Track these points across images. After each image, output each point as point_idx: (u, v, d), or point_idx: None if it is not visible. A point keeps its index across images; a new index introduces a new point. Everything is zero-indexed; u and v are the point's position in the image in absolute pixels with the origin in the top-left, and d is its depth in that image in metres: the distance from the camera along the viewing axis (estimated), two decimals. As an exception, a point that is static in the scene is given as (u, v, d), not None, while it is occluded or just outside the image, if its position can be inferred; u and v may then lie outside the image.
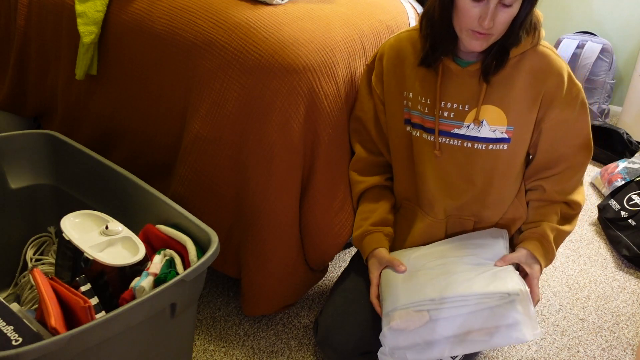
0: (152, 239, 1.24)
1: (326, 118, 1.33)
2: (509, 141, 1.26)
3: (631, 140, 2.60)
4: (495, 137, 1.26)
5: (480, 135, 1.26)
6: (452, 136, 1.28)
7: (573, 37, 2.96)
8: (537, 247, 1.30)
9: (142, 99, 1.49)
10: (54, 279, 1.11)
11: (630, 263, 1.92)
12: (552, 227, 1.31)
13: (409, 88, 1.30)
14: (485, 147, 1.26)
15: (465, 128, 1.26)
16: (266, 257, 1.38)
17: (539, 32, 1.22)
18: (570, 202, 1.33)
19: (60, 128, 1.69)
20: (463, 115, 1.26)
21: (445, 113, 1.27)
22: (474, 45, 1.16)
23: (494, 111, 1.24)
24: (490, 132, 1.25)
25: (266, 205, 1.34)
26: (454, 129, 1.27)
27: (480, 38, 1.15)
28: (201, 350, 1.46)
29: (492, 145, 1.26)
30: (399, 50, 1.32)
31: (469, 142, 1.27)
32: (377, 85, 1.36)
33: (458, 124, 1.26)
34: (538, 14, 1.22)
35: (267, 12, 1.38)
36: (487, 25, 1.11)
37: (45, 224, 1.52)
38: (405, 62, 1.31)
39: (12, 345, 0.95)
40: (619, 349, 1.56)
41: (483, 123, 1.25)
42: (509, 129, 1.25)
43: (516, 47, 1.20)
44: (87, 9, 1.49)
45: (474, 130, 1.26)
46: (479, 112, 1.24)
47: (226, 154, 1.35)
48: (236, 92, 1.31)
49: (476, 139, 1.26)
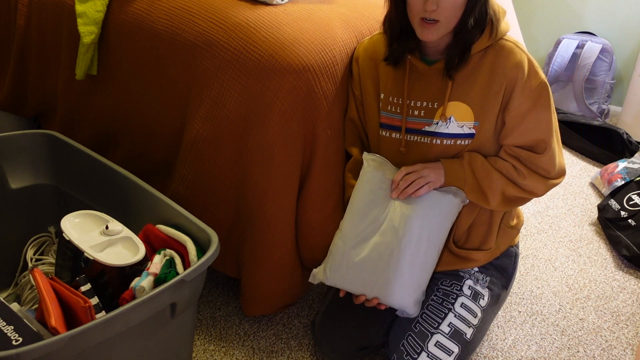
0: (152, 239, 1.24)
1: (325, 118, 1.33)
2: (472, 137, 1.27)
3: (631, 140, 2.60)
4: (462, 133, 1.27)
5: (449, 131, 1.27)
6: (422, 134, 1.29)
7: (573, 37, 2.96)
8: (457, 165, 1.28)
9: (142, 99, 1.50)
10: (54, 279, 1.11)
11: (630, 263, 1.92)
12: (479, 158, 1.28)
13: (382, 89, 1.32)
14: (453, 142, 1.28)
15: (434, 125, 1.28)
16: (266, 257, 1.38)
17: (497, 26, 1.22)
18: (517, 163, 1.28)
19: (60, 128, 1.69)
20: (432, 112, 1.28)
21: (416, 112, 1.29)
22: (425, 34, 1.18)
23: (461, 107, 1.26)
24: (458, 127, 1.27)
25: (266, 205, 1.34)
26: (425, 126, 1.29)
27: (428, 26, 1.17)
28: (201, 350, 1.46)
29: (460, 140, 1.28)
30: (373, 52, 1.34)
31: (437, 138, 1.28)
32: (356, 88, 1.37)
33: (428, 121, 1.28)
34: (497, 8, 1.23)
35: (267, 12, 1.38)
36: (430, 8, 1.13)
37: (45, 224, 1.52)
38: (379, 63, 1.33)
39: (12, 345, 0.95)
40: (618, 349, 1.56)
41: (450, 119, 1.27)
42: (475, 124, 1.27)
43: (477, 43, 1.22)
44: (87, 9, 1.49)
45: (443, 127, 1.27)
46: (446, 108, 1.26)
47: (226, 154, 1.35)
48: (236, 92, 1.31)
49: (444, 135, 1.28)
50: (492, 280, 1.40)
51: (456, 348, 1.29)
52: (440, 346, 1.28)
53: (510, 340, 1.56)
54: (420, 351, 1.28)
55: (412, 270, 1.25)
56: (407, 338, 1.31)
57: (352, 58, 1.38)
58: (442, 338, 1.29)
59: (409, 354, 1.29)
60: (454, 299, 1.34)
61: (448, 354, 1.28)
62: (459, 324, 1.31)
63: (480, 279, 1.39)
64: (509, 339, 1.56)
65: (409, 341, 1.30)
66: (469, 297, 1.35)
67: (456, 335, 1.30)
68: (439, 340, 1.29)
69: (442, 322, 1.31)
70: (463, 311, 1.33)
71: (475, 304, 1.35)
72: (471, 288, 1.36)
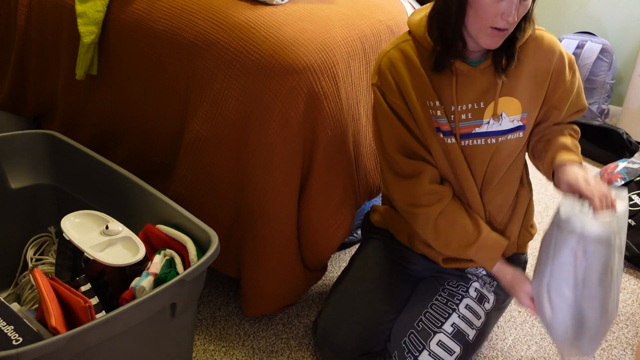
0: (152, 239, 1.24)
1: (325, 118, 1.33)
2: (524, 128, 1.28)
3: (631, 140, 2.60)
4: (514, 127, 1.27)
5: (502, 128, 1.27)
6: (474, 136, 1.27)
7: (573, 37, 2.96)
8: (573, 156, 1.27)
9: (142, 99, 1.50)
10: (54, 279, 1.11)
11: (630, 263, 1.92)
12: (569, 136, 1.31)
13: (431, 97, 1.26)
14: (506, 137, 1.27)
15: (485, 125, 1.26)
16: (266, 257, 1.38)
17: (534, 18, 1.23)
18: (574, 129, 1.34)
19: (60, 128, 1.69)
20: (480, 113, 1.26)
21: (463, 115, 1.26)
22: (491, 42, 1.16)
23: (510, 102, 1.26)
24: (510, 122, 1.27)
25: (266, 205, 1.34)
26: (475, 128, 1.26)
27: (499, 35, 1.15)
28: (201, 350, 1.46)
29: (511, 134, 1.28)
30: (408, 60, 1.26)
31: (492, 137, 1.27)
32: (396, 99, 1.27)
33: (477, 122, 1.26)
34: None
35: (267, 12, 1.38)
36: (513, 20, 1.12)
37: (45, 224, 1.52)
38: (418, 71, 1.26)
39: (12, 345, 0.95)
40: (619, 349, 1.56)
41: (502, 116, 1.26)
42: (523, 116, 1.27)
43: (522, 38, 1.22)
44: (87, 9, 1.49)
45: (495, 125, 1.26)
46: (497, 105, 1.25)
47: (226, 154, 1.35)
48: (236, 92, 1.31)
49: (499, 132, 1.27)
50: (499, 285, 1.39)
51: (458, 348, 1.29)
52: (442, 345, 1.28)
53: (510, 340, 1.56)
54: (422, 349, 1.28)
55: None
56: (409, 335, 1.31)
57: (379, 71, 1.27)
58: (444, 337, 1.29)
59: (410, 352, 1.29)
60: (459, 299, 1.34)
61: (449, 354, 1.28)
62: (462, 324, 1.31)
63: (488, 282, 1.39)
64: (509, 339, 1.56)
65: (411, 339, 1.30)
66: (475, 299, 1.35)
67: (458, 336, 1.30)
68: (441, 340, 1.29)
69: (445, 321, 1.31)
70: (467, 312, 1.33)
71: (480, 306, 1.35)
72: (477, 290, 1.36)
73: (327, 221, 1.40)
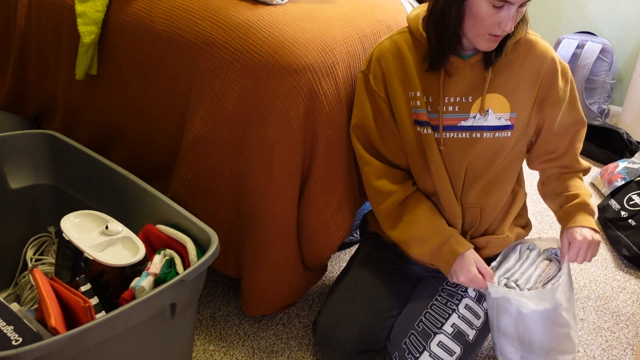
0: (152, 239, 1.24)
1: (325, 118, 1.33)
2: (512, 128, 1.29)
3: (631, 140, 2.60)
4: (500, 125, 1.28)
5: (488, 124, 1.28)
6: (459, 129, 1.28)
7: (573, 37, 2.96)
8: (589, 219, 1.35)
9: (142, 99, 1.49)
10: (54, 279, 1.11)
11: (630, 263, 1.92)
12: (588, 194, 1.38)
13: (414, 88, 1.29)
14: (492, 134, 1.28)
15: (472, 119, 1.28)
16: (266, 257, 1.38)
17: (529, 21, 1.27)
18: (585, 169, 1.41)
19: (60, 128, 1.69)
20: (467, 106, 1.27)
21: (450, 108, 1.28)
22: (488, 47, 1.21)
23: (498, 99, 1.27)
24: (496, 119, 1.28)
25: (266, 205, 1.34)
26: (460, 121, 1.28)
27: (496, 40, 1.20)
28: (201, 350, 1.46)
29: (498, 132, 1.28)
30: (398, 52, 1.31)
31: (476, 132, 1.28)
32: (379, 88, 1.32)
33: (464, 116, 1.28)
34: None
35: (267, 12, 1.38)
36: (510, 30, 1.16)
37: (45, 224, 1.52)
38: (406, 62, 1.30)
39: (12, 345, 0.95)
40: (619, 349, 1.56)
41: (489, 112, 1.27)
42: (512, 116, 1.28)
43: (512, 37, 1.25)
44: (87, 9, 1.49)
45: (481, 120, 1.27)
46: (484, 101, 1.26)
47: (226, 154, 1.35)
48: (236, 92, 1.31)
49: (484, 128, 1.28)
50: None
51: (458, 349, 1.29)
52: (442, 346, 1.28)
53: (511, 340, 1.56)
54: (423, 350, 1.28)
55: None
56: (409, 336, 1.31)
57: (371, 60, 1.32)
58: (444, 338, 1.29)
59: (410, 353, 1.29)
60: (459, 299, 1.34)
61: (450, 354, 1.28)
62: (462, 325, 1.31)
63: None
64: (509, 339, 1.56)
65: (411, 340, 1.30)
66: (474, 299, 1.35)
67: (459, 336, 1.30)
68: (441, 340, 1.29)
69: (445, 322, 1.31)
70: (467, 312, 1.33)
71: (480, 306, 1.35)
72: (476, 290, 1.36)
73: (327, 221, 1.40)
